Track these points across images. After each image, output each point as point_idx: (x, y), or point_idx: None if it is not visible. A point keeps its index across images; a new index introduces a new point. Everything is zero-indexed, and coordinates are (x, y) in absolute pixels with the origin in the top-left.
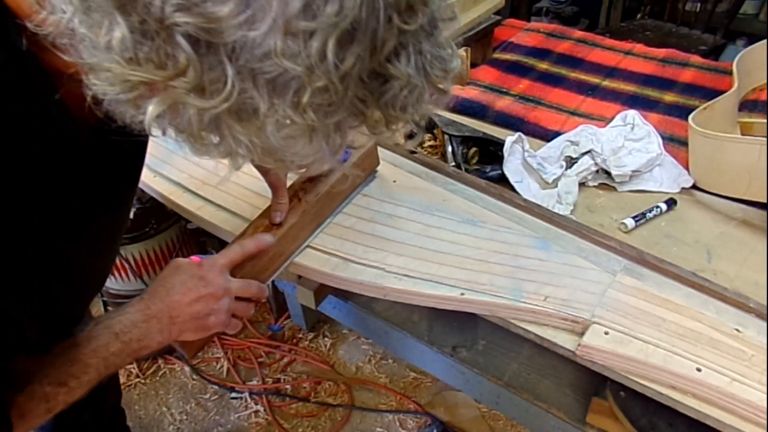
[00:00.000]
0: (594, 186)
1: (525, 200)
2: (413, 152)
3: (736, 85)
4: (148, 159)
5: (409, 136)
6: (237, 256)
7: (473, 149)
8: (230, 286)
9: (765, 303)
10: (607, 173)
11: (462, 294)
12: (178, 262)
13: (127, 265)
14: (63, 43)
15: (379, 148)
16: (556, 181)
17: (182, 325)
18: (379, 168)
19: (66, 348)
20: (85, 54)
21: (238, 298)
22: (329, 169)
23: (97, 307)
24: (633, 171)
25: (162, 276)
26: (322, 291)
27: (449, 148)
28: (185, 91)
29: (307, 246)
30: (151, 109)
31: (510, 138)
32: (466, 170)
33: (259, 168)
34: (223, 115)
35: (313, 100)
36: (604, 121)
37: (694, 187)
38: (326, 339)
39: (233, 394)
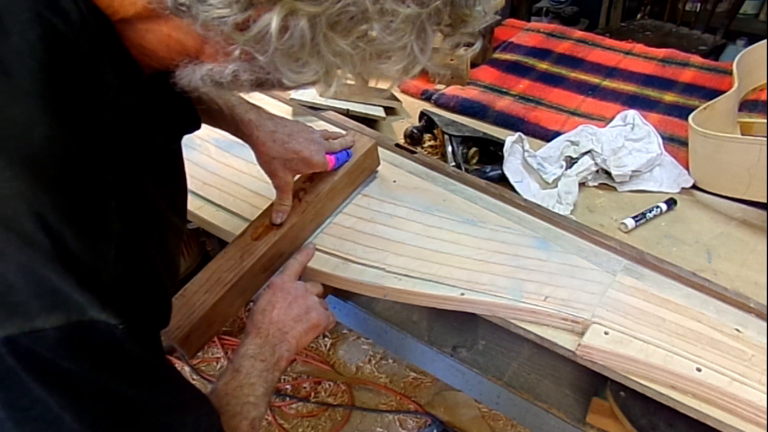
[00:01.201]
0: (594, 186)
1: (525, 200)
2: (413, 152)
3: (736, 85)
4: None
5: (468, 45)
6: (298, 267)
7: (473, 149)
8: (306, 286)
9: (765, 303)
10: (607, 173)
11: (462, 294)
12: (258, 300)
13: None
14: None
15: (379, 149)
16: (556, 181)
17: (293, 331)
18: (379, 168)
19: (224, 386)
20: None
21: None
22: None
23: None
24: (633, 171)
25: (252, 311)
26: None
27: (449, 148)
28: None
29: None
30: (275, 18)
31: (510, 138)
32: (466, 170)
33: (266, 169)
34: (330, 23)
35: None
36: (604, 121)
37: (694, 187)
38: (326, 339)
39: None
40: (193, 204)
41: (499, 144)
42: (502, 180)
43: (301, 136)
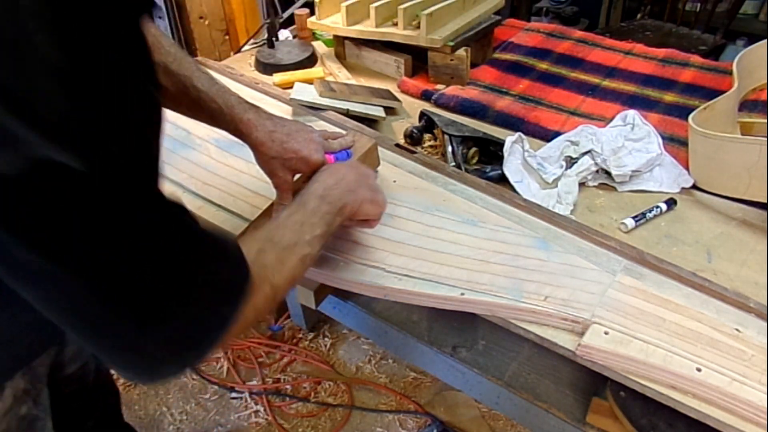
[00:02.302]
0: (594, 186)
1: (525, 200)
2: (413, 152)
3: (736, 85)
4: None
5: None
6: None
7: (473, 149)
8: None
9: (765, 303)
10: (607, 173)
11: (462, 294)
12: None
13: None
14: None
15: (379, 148)
16: (556, 181)
17: (361, 191)
18: (379, 168)
19: (286, 218)
20: None
21: None
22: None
23: None
24: (633, 171)
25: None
26: (322, 291)
27: (449, 148)
28: None
29: None
30: None
31: (510, 138)
32: (466, 170)
33: (265, 169)
34: None
35: None
36: (604, 121)
37: (694, 187)
38: (326, 339)
39: (233, 394)
40: (193, 204)
41: (499, 144)
42: (502, 180)
43: (300, 136)
